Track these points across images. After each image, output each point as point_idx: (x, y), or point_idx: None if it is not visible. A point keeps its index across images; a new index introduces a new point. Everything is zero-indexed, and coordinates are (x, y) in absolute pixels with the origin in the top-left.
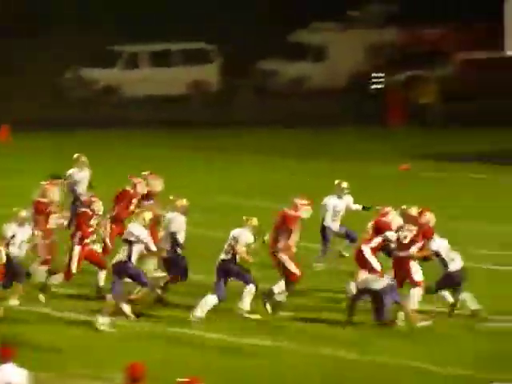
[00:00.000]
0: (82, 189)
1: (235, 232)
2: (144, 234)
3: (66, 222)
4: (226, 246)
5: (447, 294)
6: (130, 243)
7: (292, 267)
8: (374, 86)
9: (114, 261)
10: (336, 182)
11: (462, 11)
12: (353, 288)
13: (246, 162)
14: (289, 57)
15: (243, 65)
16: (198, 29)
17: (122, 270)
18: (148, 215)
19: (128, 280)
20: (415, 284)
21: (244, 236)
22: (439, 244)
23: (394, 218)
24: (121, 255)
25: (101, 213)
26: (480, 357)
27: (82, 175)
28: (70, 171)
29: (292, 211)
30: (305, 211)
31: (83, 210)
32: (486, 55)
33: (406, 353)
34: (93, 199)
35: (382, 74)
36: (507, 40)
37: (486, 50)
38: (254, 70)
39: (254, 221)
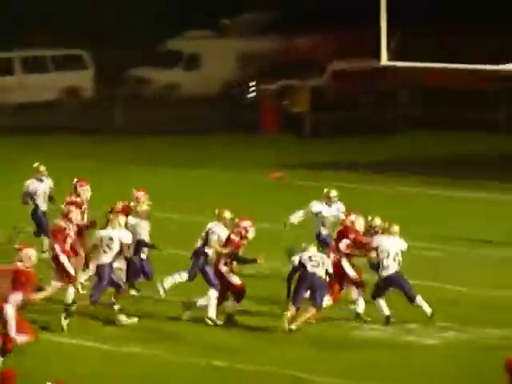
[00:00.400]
0: (40, 199)
1: (211, 224)
2: (129, 236)
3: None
4: (200, 237)
5: (383, 305)
6: (111, 248)
7: (235, 280)
8: (247, 95)
9: (96, 263)
10: (325, 190)
11: (339, 20)
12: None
13: (122, 170)
14: (162, 64)
15: (117, 72)
16: (72, 35)
17: (104, 273)
18: (122, 219)
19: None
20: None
21: (217, 229)
22: (383, 242)
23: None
24: (103, 259)
25: (78, 222)
26: (351, 365)
27: (38, 186)
28: (28, 181)
29: (238, 238)
30: (252, 232)
31: (56, 223)
32: (359, 65)
33: (282, 359)
34: (70, 208)
35: (256, 83)
36: (382, 50)
37: (364, 58)
38: (127, 77)
39: (227, 213)
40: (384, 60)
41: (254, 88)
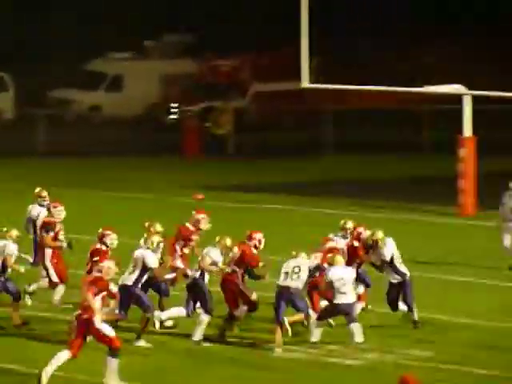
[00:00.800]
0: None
1: (206, 249)
2: (154, 259)
3: (30, 258)
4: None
5: (318, 332)
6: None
7: (249, 293)
8: (170, 117)
9: (120, 283)
10: (341, 222)
11: (261, 42)
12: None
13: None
14: (85, 86)
15: (39, 93)
16: None
17: (128, 293)
18: (156, 239)
19: None
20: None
21: (212, 253)
22: (336, 273)
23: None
24: (128, 278)
25: (114, 246)
26: None
27: (40, 210)
28: (30, 206)
29: (255, 250)
30: (263, 243)
31: (98, 246)
32: (281, 87)
33: (201, 380)
34: (106, 232)
35: (179, 105)
36: (303, 73)
37: (286, 80)
38: (49, 98)
39: (227, 241)
40: (305, 82)
41: (176, 110)
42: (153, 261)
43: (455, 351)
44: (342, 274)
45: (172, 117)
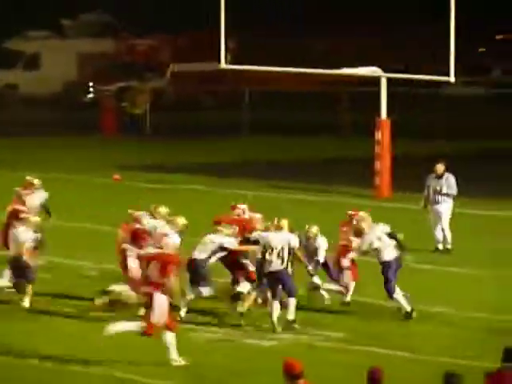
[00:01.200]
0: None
1: (214, 237)
2: (177, 240)
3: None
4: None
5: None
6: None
7: (251, 267)
8: (88, 95)
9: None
10: (306, 227)
11: (180, 22)
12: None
13: None
14: (2, 64)
15: None
16: None
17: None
18: (181, 221)
19: None
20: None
21: (226, 240)
22: (268, 237)
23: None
24: None
25: (147, 229)
26: (189, 368)
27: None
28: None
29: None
30: (247, 215)
31: (137, 227)
32: (200, 68)
33: (121, 364)
34: (143, 213)
35: (96, 84)
36: (222, 54)
37: (205, 61)
38: None
39: (227, 228)
40: (223, 63)
41: (94, 89)
42: (176, 241)
43: (368, 332)
44: (271, 240)
45: (89, 96)
